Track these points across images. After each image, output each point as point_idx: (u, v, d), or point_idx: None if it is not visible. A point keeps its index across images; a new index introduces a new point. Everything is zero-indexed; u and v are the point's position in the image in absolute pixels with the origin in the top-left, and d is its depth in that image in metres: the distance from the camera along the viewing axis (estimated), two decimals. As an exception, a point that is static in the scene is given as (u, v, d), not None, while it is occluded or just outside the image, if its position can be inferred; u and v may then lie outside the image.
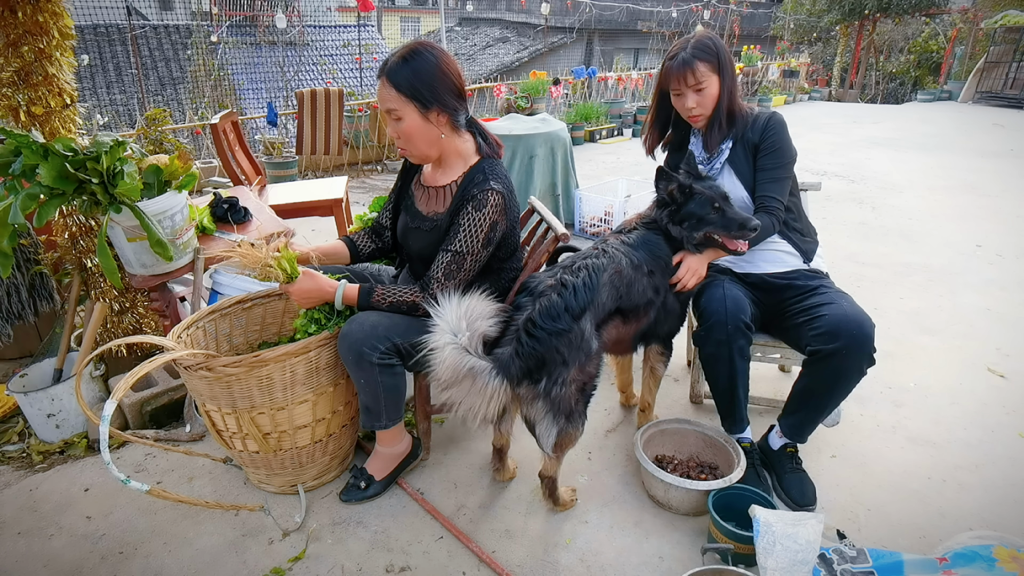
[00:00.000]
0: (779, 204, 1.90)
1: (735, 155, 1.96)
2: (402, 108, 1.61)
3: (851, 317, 1.72)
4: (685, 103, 1.90)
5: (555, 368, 1.56)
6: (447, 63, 1.64)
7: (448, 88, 1.64)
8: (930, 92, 12.80)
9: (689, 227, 1.83)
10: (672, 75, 1.89)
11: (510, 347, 1.55)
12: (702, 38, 1.90)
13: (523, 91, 7.83)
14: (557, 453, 1.69)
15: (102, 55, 12.69)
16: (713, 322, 1.80)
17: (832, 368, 1.73)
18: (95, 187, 1.86)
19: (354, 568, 1.66)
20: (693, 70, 1.85)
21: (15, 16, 1.99)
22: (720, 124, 1.92)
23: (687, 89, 1.88)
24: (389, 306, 1.71)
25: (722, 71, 1.88)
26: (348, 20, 14.22)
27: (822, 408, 1.82)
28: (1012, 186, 5.68)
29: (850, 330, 1.69)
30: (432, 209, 1.79)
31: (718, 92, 1.89)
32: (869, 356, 1.70)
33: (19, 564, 1.70)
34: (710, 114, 1.92)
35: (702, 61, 1.85)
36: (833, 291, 1.87)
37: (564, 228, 1.99)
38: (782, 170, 1.93)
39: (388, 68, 1.61)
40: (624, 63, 10.38)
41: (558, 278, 1.65)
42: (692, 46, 1.87)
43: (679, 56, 1.87)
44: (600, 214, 4.30)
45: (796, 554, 1.40)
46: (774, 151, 1.92)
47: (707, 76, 1.85)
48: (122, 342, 1.58)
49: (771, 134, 1.92)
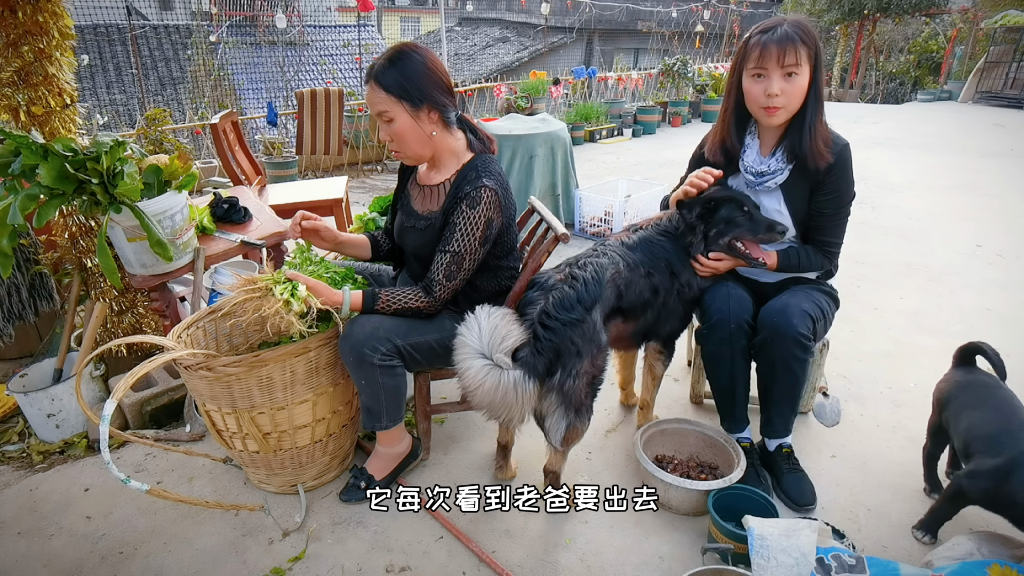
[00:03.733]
0: (838, 250, 1.84)
1: (792, 180, 1.77)
2: (392, 109, 1.62)
3: (775, 307, 1.74)
4: (769, 86, 1.62)
5: (569, 359, 1.58)
6: (433, 61, 1.65)
7: (436, 85, 1.65)
8: (930, 92, 12.79)
9: (716, 234, 1.80)
10: (763, 50, 1.60)
11: (528, 347, 1.57)
12: (801, 21, 1.65)
13: (523, 91, 7.83)
14: (564, 447, 1.71)
15: (102, 55, 12.68)
16: (716, 320, 1.80)
17: (767, 359, 1.77)
18: (95, 187, 1.86)
19: (354, 568, 1.66)
20: (795, 47, 1.59)
21: (15, 16, 1.99)
22: (811, 132, 1.67)
23: (776, 69, 1.61)
24: (394, 312, 1.71)
25: (817, 65, 1.65)
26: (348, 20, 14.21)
27: (777, 400, 1.84)
28: (1012, 186, 5.68)
29: (771, 319, 1.72)
30: (427, 208, 1.79)
31: (808, 87, 1.66)
32: (797, 343, 1.70)
33: (19, 564, 1.70)
34: (793, 112, 1.68)
35: (803, 44, 1.60)
36: (795, 288, 1.86)
37: (564, 228, 1.99)
38: (843, 212, 1.80)
39: (375, 71, 1.63)
40: (624, 63, 10.37)
41: (568, 272, 1.68)
42: (791, 24, 1.62)
43: (778, 30, 1.60)
44: (600, 214, 4.31)
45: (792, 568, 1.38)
46: (840, 193, 1.75)
47: (803, 65, 1.62)
48: (122, 342, 1.58)
49: (839, 172, 1.73)
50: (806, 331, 1.71)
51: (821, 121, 1.71)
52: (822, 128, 1.72)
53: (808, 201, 1.80)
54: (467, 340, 1.54)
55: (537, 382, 1.56)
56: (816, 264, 1.84)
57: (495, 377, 1.50)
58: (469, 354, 1.53)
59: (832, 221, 1.82)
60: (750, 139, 1.84)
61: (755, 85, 1.67)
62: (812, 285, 1.90)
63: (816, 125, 1.70)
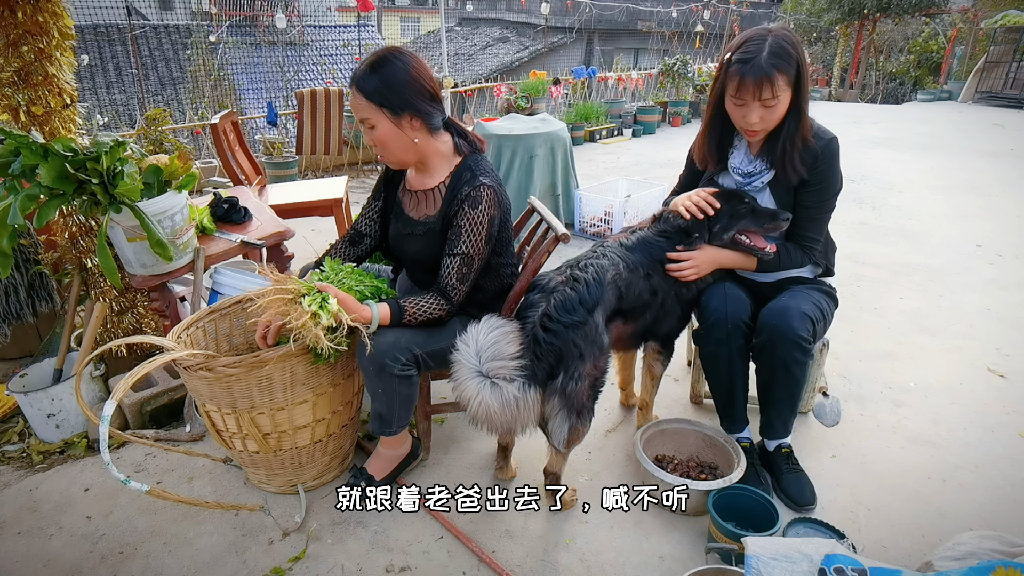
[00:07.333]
0: (818, 245, 1.83)
1: (776, 179, 1.79)
2: (373, 116, 1.61)
3: (775, 309, 1.74)
4: (747, 116, 1.65)
5: (572, 362, 1.58)
6: (417, 68, 1.62)
7: (419, 93, 1.62)
8: (930, 92, 12.78)
9: (721, 229, 1.81)
10: (741, 83, 1.60)
11: (529, 353, 1.57)
12: (782, 39, 1.59)
13: (523, 91, 7.83)
14: (566, 449, 1.71)
15: (102, 55, 12.67)
16: (713, 321, 1.81)
17: (767, 361, 1.76)
18: (95, 187, 1.86)
19: (354, 568, 1.66)
20: (771, 82, 1.57)
21: (15, 16, 1.99)
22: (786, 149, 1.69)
23: (755, 102, 1.62)
24: (420, 324, 1.70)
25: (799, 86, 1.62)
26: (348, 20, 14.20)
27: (776, 402, 1.84)
28: (1012, 186, 5.68)
29: (772, 321, 1.72)
30: (423, 213, 1.78)
31: (787, 110, 1.65)
32: (797, 345, 1.70)
33: (19, 564, 1.70)
34: (774, 129, 1.70)
35: (781, 73, 1.57)
36: (795, 289, 1.85)
37: (564, 228, 1.99)
38: (825, 207, 1.79)
39: (357, 77, 1.61)
40: (624, 63, 10.37)
41: (569, 274, 1.68)
42: (771, 51, 1.57)
43: (755, 61, 1.57)
44: (600, 214, 4.31)
45: None
46: (823, 187, 1.74)
47: (782, 91, 1.60)
48: (122, 342, 1.58)
49: (823, 166, 1.71)
50: (806, 333, 1.71)
51: (801, 135, 1.68)
52: (802, 143, 1.69)
53: (794, 197, 1.81)
54: (463, 358, 1.54)
55: (539, 388, 1.57)
56: (796, 260, 1.84)
57: (494, 395, 1.51)
58: (466, 374, 1.53)
59: (812, 215, 1.80)
60: (738, 141, 1.87)
61: (736, 110, 1.69)
62: (811, 285, 1.90)
63: (793, 141, 1.68)
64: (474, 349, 1.54)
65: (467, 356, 1.54)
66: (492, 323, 1.59)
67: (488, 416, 1.53)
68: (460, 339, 1.57)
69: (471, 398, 1.52)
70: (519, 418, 1.56)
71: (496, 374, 1.53)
